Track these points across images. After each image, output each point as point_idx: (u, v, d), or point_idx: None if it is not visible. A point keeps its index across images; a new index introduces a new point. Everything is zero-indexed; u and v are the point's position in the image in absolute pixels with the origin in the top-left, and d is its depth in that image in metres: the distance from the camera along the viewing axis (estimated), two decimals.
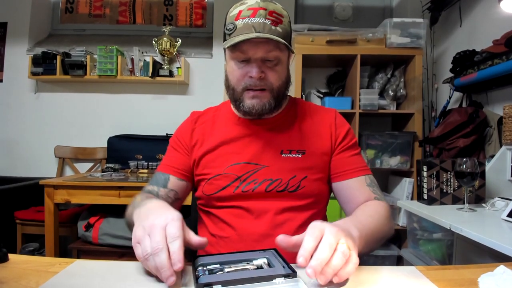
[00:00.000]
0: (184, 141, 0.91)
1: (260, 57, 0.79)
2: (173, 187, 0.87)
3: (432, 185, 1.44)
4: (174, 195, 0.87)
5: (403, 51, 2.13)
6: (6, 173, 2.66)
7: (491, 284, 0.52)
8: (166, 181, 0.87)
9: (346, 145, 0.89)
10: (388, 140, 2.17)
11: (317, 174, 0.85)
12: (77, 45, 2.73)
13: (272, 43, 0.77)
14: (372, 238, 0.67)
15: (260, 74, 0.79)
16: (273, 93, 0.82)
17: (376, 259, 2.12)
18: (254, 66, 0.79)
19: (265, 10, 0.77)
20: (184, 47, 2.76)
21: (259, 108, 0.82)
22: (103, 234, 2.00)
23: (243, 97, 0.83)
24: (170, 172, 0.88)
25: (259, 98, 0.81)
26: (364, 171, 0.87)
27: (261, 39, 0.76)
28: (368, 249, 0.68)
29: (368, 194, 0.83)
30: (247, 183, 0.83)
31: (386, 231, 0.75)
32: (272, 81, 0.81)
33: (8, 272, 0.56)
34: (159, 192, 0.86)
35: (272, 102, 0.83)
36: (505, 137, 1.47)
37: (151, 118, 2.73)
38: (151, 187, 0.87)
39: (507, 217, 1.14)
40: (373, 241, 0.69)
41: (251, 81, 0.80)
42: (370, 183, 0.86)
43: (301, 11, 2.87)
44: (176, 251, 0.50)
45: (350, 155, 0.88)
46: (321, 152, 0.87)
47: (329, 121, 0.90)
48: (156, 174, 0.90)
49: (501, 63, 1.54)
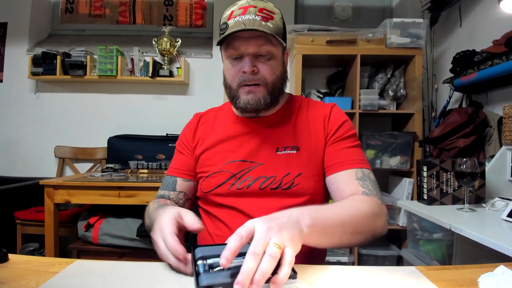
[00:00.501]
0: (187, 142, 0.94)
1: (252, 52, 0.80)
2: (181, 189, 0.91)
3: (432, 185, 1.44)
4: (183, 196, 0.91)
5: (403, 51, 2.13)
6: (6, 173, 2.66)
7: (491, 284, 0.52)
8: (174, 184, 0.91)
9: (339, 137, 0.86)
10: (388, 140, 2.17)
11: (312, 170, 0.84)
12: (77, 45, 2.73)
13: (263, 37, 0.79)
14: (337, 230, 0.63)
15: (252, 68, 0.80)
16: (267, 88, 0.83)
17: (376, 259, 2.12)
18: (246, 61, 0.80)
19: (255, 7, 0.79)
20: (184, 47, 2.76)
21: (254, 103, 0.82)
22: (103, 234, 2.00)
23: (239, 93, 0.83)
24: (176, 175, 0.92)
25: (254, 93, 0.82)
26: (356, 164, 0.81)
27: (252, 35, 0.78)
28: (332, 241, 0.63)
29: (355, 188, 0.78)
30: (242, 181, 0.84)
31: (366, 225, 0.69)
32: (265, 76, 0.82)
33: (8, 272, 0.56)
34: (170, 195, 0.90)
35: (268, 97, 0.83)
36: (505, 137, 1.47)
37: (151, 118, 2.73)
38: (163, 192, 0.91)
39: (507, 217, 1.14)
40: (341, 233, 0.64)
41: (245, 76, 0.81)
42: (361, 177, 0.80)
43: (301, 11, 2.87)
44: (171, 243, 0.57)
45: (343, 147, 0.85)
46: (315, 147, 0.86)
47: (324, 116, 0.89)
48: (165, 178, 0.94)
49: (501, 63, 1.54)
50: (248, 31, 0.77)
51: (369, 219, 0.70)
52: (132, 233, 1.96)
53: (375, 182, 0.82)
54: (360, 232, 0.68)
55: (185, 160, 0.93)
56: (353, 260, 2.10)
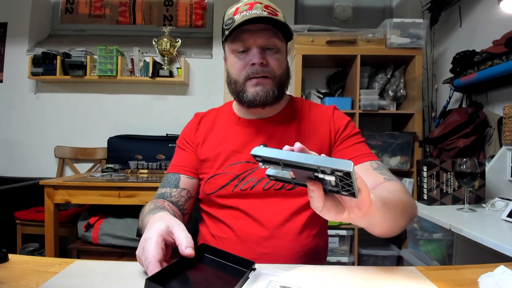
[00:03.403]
0: (190, 140, 0.93)
1: (260, 44, 0.81)
2: (184, 186, 0.88)
3: (432, 185, 1.44)
4: (186, 193, 0.88)
5: (403, 52, 2.13)
6: (6, 173, 2.66)
7: (491, 284, 0.52)
8: (177, 181, 0.89)
9: (347, 135, 0.87)
10: (388, 140, 2.17)
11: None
12: (77, 45, 2.73)
13: (270, 31, 0.80)
14: (392, 209, 0.59)
15: (262, 60, 0.80)
16: (275, 81, 0.83)
17: (376, 259, 2.12)
18: (256, 53, 0.80)
19: (261, 3, 0.81)
20: (184, 47, 2.76)
21: (263, 94, 0.82)
22: (103, 234, 2.00)
23: (245, 86, 0.83)
24: (181, 172, 0.90)
25: (263, 85, 0.82)
26: (369, 157, 0.82)
27: (260, 28, 0.80)
28: (390, 220, 0.59)
29: (376, 177, 0.77)
30: (245, 182, 0.84)
31: (408, 204, 0.68)
32: (274, 68, 0.82)
33: (8, 272, 0.56)
34: (171, 193, 0.87)
35: (275, 90, 0.83)
36: (505, 137, 1.47)
37: (151, 118, 2.73)
38: (164, 190, 0.88)
39: (507, 217, 1.14)
40: (395, 212, 0.61)
41: (253, 69, 0.81)
42: (377, 167, 0.80)
43: (301, 11, 2.87)
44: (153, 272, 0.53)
45: (353, 143, 0.86)
46: (319, 148, 0.86)
47: (328, 117, 0.90)
48: (166, 176, 0.91)
49: (501, 63, 1.54)
50: (256, 24, 0.79)
51: (410, 199, 0.71)
52: (132, 233, 1.96)
53: (388, 169, 0.83)
54: (406, 211, 0.66)
55: (188, 157, 0.91)
56: (353, 260, 2.09)
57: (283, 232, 0.80)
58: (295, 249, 0.80)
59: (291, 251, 0.80)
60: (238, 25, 0.78)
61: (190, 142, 0.93)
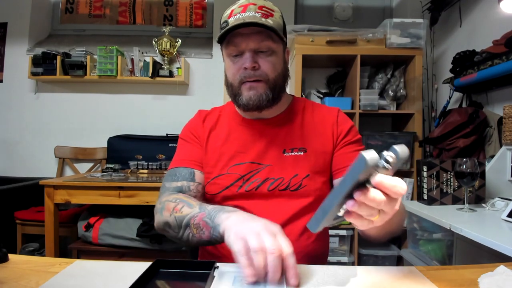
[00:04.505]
0: (197, 133, 0.91)
1: (252, 48, 0.80)
2: (199, 180, 0.87)
3: (432, 185, 1.44)
4: (202, 188, 0.87)
5: (403, 51, 2.13)
6: (6, 173, 2.66)
7: (491, 284, 0.52)
8: (192, 175, 0.86)
9: (348, 140, 0.88)
10: (388, 140, 2.17)
11: (319, 172, 0.85)
12: (77, 45, 2.73)
13: (263, 33, 0.79)
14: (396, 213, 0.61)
15: (253, 64, 0.79)
16: (269, 84, 0.82)
17: (376, 259, 2.12)
18: (248, 57, 0.80)
19: (254, 5, 0.80)
20: (184, 47, 2.76)
21: (256, 99, 0.81)
22: (103, 234, 2.00)
23: (240, 90, 0.83)
24: (193, 166, 0.87)
25: (255, 89, 0.81)
26: None
27: (252, 31, 0.78)
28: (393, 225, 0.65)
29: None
30: (250, 183, 0.83)
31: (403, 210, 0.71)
32: (266, 72, 0.81)
33: (8, 272, 0.56)
34: (190, 187, 0.84)
35: (269, 94, 0.82)
36: (505, 137, 1.47)
37: (151, 118, 2.73)
38: (180, 183, 0.84)
39: (507, 217, 1.14)
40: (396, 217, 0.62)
41: (246, 73, 0.81)
42: None
43: (301, 11, 2.87)
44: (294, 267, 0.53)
45: (353, 150, 0.86)
46: (323, 150, 0.86)
47: (331, 120, 0.90)
48: (176, 170, 0.87)
49: (501, 63, 1.54)
50: (248, 27, 0.77)
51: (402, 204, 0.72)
52: (132, 233, 1.96)
53: None
54: (402, 214, 0.69)
55: (197, 151, 0.89)
56: (353, 260, 2.09)
57: (285, 233, 0.80)
58: (295, 250, 0.80)
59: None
60: (230, 29, 0.77)
61: (197, 136, 0.91)
